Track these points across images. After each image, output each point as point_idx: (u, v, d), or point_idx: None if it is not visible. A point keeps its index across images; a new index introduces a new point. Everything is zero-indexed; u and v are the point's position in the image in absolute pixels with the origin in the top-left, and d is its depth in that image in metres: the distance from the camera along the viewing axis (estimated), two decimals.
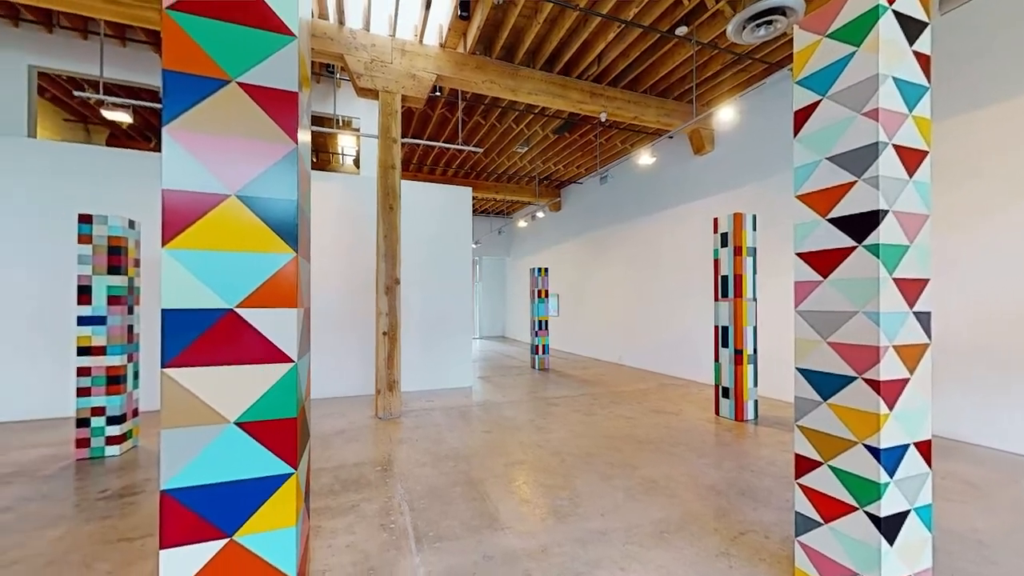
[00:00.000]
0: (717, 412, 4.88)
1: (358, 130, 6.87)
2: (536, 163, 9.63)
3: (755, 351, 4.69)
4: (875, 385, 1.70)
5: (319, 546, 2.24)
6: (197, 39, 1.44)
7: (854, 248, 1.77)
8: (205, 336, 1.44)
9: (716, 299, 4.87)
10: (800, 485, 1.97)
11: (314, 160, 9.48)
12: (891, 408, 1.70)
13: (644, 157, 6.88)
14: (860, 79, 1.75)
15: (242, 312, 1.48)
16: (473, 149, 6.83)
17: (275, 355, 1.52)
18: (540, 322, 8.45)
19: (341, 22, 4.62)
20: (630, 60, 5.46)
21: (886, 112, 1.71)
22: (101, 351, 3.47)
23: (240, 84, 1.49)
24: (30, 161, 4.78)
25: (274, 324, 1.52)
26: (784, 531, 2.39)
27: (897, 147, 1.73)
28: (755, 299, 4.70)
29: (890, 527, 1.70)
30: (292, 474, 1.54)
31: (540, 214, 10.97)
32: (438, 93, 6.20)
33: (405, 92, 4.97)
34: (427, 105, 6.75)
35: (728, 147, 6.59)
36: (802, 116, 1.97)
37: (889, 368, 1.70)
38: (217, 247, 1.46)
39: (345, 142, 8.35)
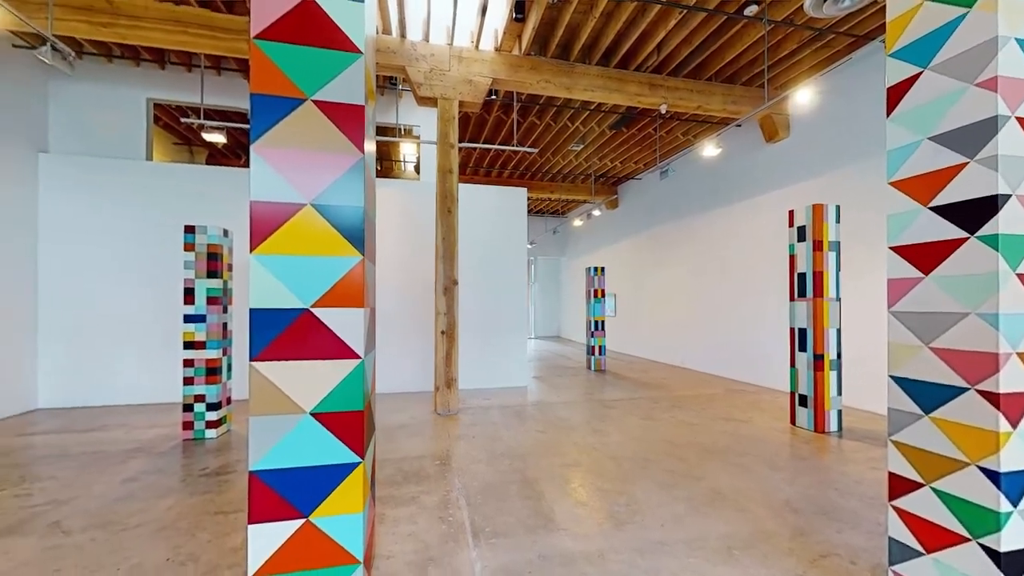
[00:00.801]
0: (793, 422, 4.48)
1: (418, 137, 7.18)
2: (592, 160, 9.45)
3: (838, 356, 4.24)
4: (993, 398, 1.47)
5: (383, 532, 2.37)
6: (278, 63, 1.59)
7: (965, 240, 1.54)
8: (285, 333, 1.59)
9: (792, 299, 4.47)
10: (895, 508, 1.75)
11: (378, 168, 10.06)
12: (1014, 426, 1.46)
13: (709, 148, 6.48)
14: (973, 44, 1.51)
15: (316, 311, 1.61)
16: (528, 150, 6.86)
17: (344, 351, 1.64)
18: (596, 322, 8.27)
19: (403, 35, 4.85)
20: (693, 47, 5.17)
21: (1007, 80, 1.46)
22: (202, 345, 3.94)
23: (314, 101, 1.62)
24: (148, 180, 5.60)
25: (343, 322, 1.64)
26: (874, 558, 2.14)
27: (1022, 120, 1.48)
28: (838, 298, 4.25)
29: (1013, 564, 1.45)
30: (359, 463, 1.64)
31: (596, 212, 10.74)
32: (494, 96, 6.29)
33: (462, 98, 5.11)
34: (483, 109, 6.88)
35: (805, 133, 6.02)
36: (897, 92, 1.74)
37: (1011, 379, 1.46)
38: (295, 251, 1.60)
39: (406, 149, 8.76)
